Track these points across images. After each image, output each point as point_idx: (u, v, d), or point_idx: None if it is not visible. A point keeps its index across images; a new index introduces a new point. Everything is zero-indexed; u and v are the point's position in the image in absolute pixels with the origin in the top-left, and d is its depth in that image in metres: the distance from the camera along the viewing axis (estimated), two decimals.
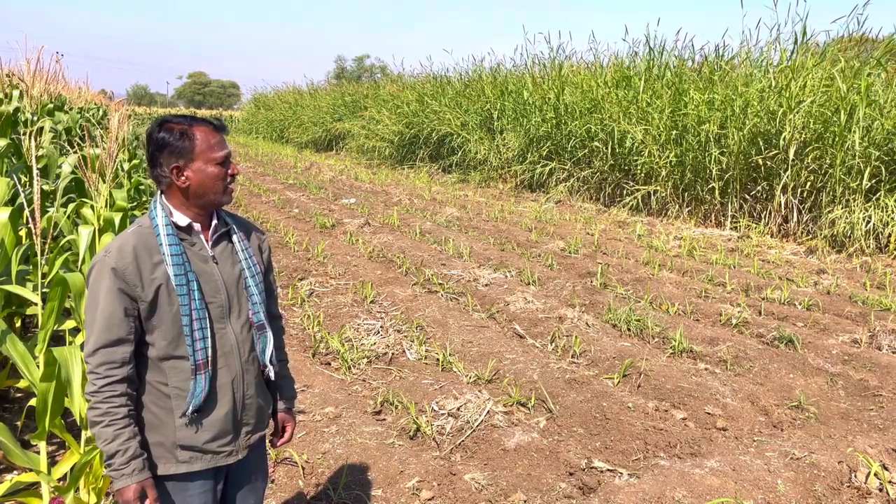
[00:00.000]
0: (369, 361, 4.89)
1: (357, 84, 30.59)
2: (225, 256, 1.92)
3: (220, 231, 1.92)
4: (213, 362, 1.85)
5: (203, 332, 1.82)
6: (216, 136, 1.85)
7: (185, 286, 1.78)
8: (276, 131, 31.90)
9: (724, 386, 4.47)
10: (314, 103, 28.79)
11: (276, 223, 10.17)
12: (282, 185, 15.05)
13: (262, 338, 1.96)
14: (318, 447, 3.62)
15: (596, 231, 9.98)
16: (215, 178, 1.84)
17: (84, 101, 11.80)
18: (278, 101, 33.85)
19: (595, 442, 3.79)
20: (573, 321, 5.72)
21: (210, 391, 1.86)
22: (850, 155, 8.96)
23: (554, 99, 14.03)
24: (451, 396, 4.22)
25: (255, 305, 1.94)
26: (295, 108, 30.61)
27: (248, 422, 1.97)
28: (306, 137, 27.53)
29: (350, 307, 6.11)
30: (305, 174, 17.58)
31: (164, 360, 1.82)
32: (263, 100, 37.23)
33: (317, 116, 27.45)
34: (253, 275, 1.94)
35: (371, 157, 21.16)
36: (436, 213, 11.49)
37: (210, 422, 1.87)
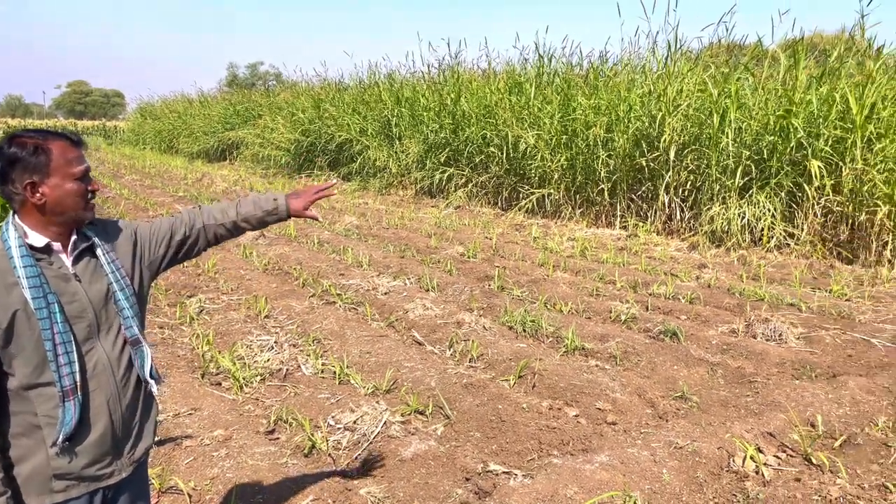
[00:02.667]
0: (263, 379, 4.73)
1: (250, 91, 29.80)
2: (89, 273, 1.82)
3: (80, 247, 1.81)
4: (84, 386, 1.76)
5: (69, 356, 1.71)
6: (74, 151, 1.77)
7: (44, 309, 1.68)
8: (165, 142, 30.55)
9: (614, 381, 4.62)
10: (205, 112, 27.79)
11: None
12: (171, 198, 14.41)
13: (139, 352, 1.87)
14: (206, 472, 3.45)
15: (494, 235, 10.14)
16: (75, 195, 1.75)
17: None
18: (166, 111, 32.44)
19: (491, 445, 3.82)
20: (471, 325, 5.77)
21: (83, 416, 1.76)
22: (724, 155, 9.54)
23: (451, 105, 14.18)
24: (348, 410, 4.15)
25: (127, 320, 1.84)
26: (184, 117, 29.43)
27: (130, 438, 1.90)
28: (197, 147, 26.51)
29: (243, 323, 5.91)
30: (197, 186, 16.92)
31: (29, 388, 1.71)
32: (150, 109, 35.58)
33: (208, 125, 26.50)
34: (122, 288, 1.84)
35: (267, 166, 20.64)
36: (334, 222, 11.34)
37: (86, 447, 1.78)
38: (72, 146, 1.77)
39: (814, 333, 5.68)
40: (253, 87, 35.12)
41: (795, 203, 9.13)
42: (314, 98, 19.27)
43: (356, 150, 16.38)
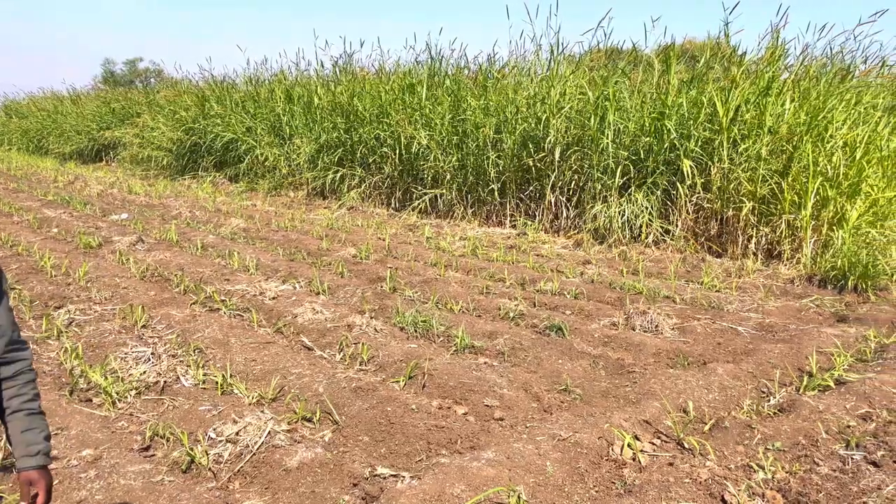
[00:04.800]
0: (138, 393, 4.47)
1: (128, 89, 28.21)
2: None
3: None
4: None
5: None
6: None
7: None
8: (33, 142, 28.36)
9: (502, 377, 4.71)
10: (77, 110, 26.02)
11: (29, 246, 9.00)
12: (39, 203, 13.40)
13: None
14: (72, 496, 3.22)
15: (387, 236, 10.10)
16: None
17: None
18: (34, 109, 30.11)
19: (380, 448, 3.79)
20: (362, 328, 5.71)
21: None
22: (604, 156, 9.95)
23: (345, 104, 14.01)
24: (231, 421, 3.99)
25: None
26: (55, 115, 27.43)
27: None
28: (69, 148, 24.79)
29: (117, 335, 5.57)
30: (69, 188, 15.83)
31: None
32: (16, 107, 32.92)
33: (81, 124, 24.83)
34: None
35: (147, 167, 19.59)
36: (220, 226, 10.92)
37: None
38: None
39: (687, 324, 6.02)
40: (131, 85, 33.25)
41: (670, 201, 9.66)
42: (198, 96, 18.48)
43: (243, 149, 15.85)
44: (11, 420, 1.88)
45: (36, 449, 1.88)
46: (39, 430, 1.90)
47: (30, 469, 1.86)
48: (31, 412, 1.91)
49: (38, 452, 1.88)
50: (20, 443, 1.87)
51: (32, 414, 1.91)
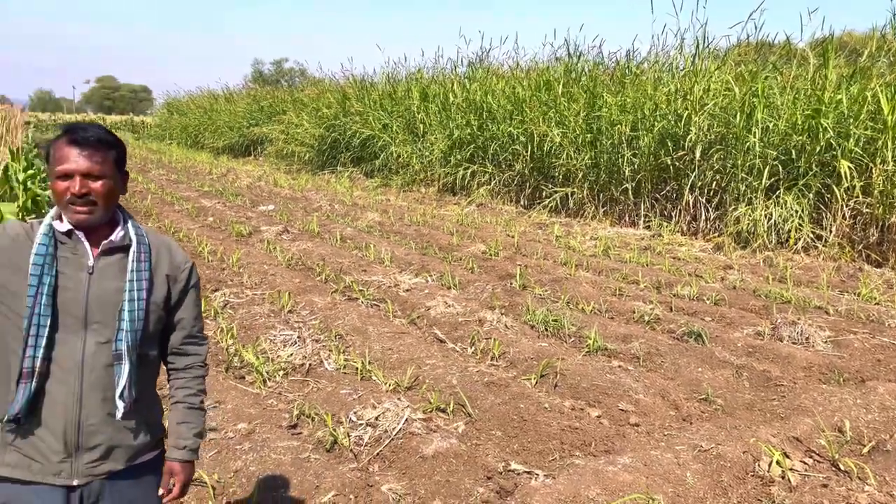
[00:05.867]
0: (286, 374, 4.77)
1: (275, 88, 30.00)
2: (109, 271, 1.80)
3: (113, 245, 1.80)
4: (44, 374, 1.72)
5: (37, 339, 1.70)
6: (65, 150, 1.74)
7: (35, 287, 1.69)
8: (191, 137, 30.89)
9: (637, 382, 4.59)
10: (230, 108, 28.04)
11: (189, 233, 9.82)
12: (196, 193, 14.57)
13: (117, 368, 1.78)
14: (229, 465, 3.49)
15: (516, 233, 10.11)
16: (58, 193, 1.75)
17: None
18: (192, 106, 32.79)
19: (513, 444, 3.81)
20: (493, 324, 5.76)
21: (35, 405, 1.73)
22: (750, 155, 9.41)
23: (479, 101, 14.17)
24: (370, 406, 4.16)
25: (121, 332, 1.77)
26: (210, 112, 29.73)
27: (91, 449, 1.78)
28: (222, 143, 26.77)
29: (266, 318, 5.95)
30: (222, 181, 17.08)
31: (8, 354, 1.74)
32: (177, 105, 35.99)
33: (233, 121, 26.74)
34: (132, 299, 1.79)
35: (291, 162, 20.78)
36: (357, 219, 11.38)
37: (38, 433, 1.75)
38: (67, 144, 1.74)
39: (842, 337, 5.58)
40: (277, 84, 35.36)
41: (824, 204, 8.99)
42: (339, 94, 19.35)
43: (379, 146, 16.42)
44: (173, 409, 2.01)
45: (183, 443, 1.94)
46: (193, 425, 1.98)
47: (174, 461, 1.96)
48: (191, 406, 1.98)
49: (184, 447, 1.94)
50: (173, 433, 1.99)
51: (191, 408, 1.98)
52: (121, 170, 1.83)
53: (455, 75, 16.10)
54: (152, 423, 1.94)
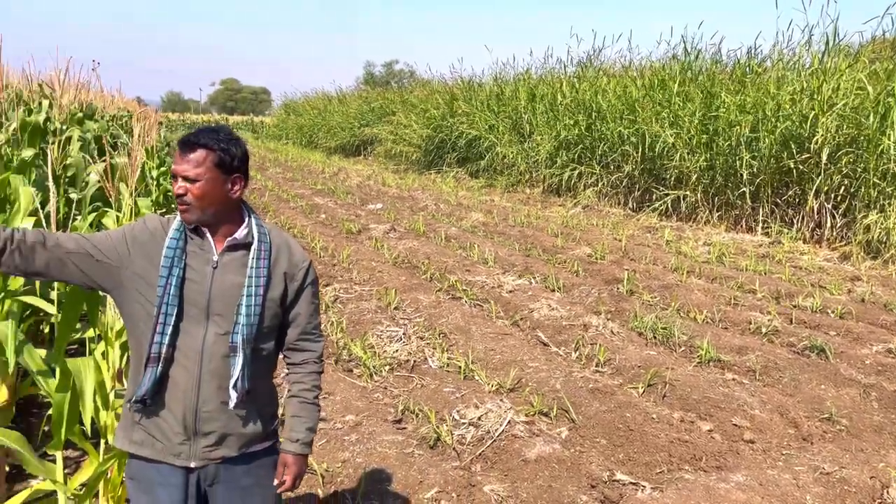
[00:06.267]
0: (391, 369, 4.88)
1: (385, 89, 30.73)
2: (231, 266, 1.89)
3: (235, 242, 1.90)
4: (168, 360, 1.84)
5: (164, 326, 1.81)
6: (176, 153, 1.87)
7: (165, 277, 1.81)
8: (306, 136, 32.20)
9: (753, 397, 4.36)
10: (342, 109, 28.98)
11: (302, 229, 10.24)
12: (310, 191, 15.17)
13: (233, 359, 1.87)
14: (337, 455, 3.61)
15: (623, 236, 9.86)
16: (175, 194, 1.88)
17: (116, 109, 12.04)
18: (307, 107, 34.15)
19: (618, 453, 3.73)
20: (598, 329, 5.65)
21: (160, 388, 1.85)
22: (884, 159, 8.72)
23: (588, 101, 13.93)
24: (473, 405, 4.19)
25: (238, 326, 1.86)
26: (324, 113, 30.85)
27: (207, 434, 1.88)
28: (335, 143, 27.72)
29: (374, 313, 6.12)
30: (333, 179, 17.69)
31: (139, 338, 1.86)
32: (293, 106, 37.59)
33: (345, 122, 27.63)
34: (250, 294, 1.87)
35: (398, 161, 21.23)
36: (461, 219, 11.47)
37: (161, 414, 1.87)
38: (179, 150, 1.86)
39: None
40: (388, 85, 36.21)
41: None
42: (447, 95, 19.57)
43: (485, 146, 16.47)
44: (288, 402, 2.08)
45: (296, 437, 1.99)
46: (306, 420, 2.02)
47: (287, 453, 2.03)
48: (304, 401, 2.02)
49: (297, 440, 1.99)
50: (287, 426, 2.06)
51: (305, 403, 2.02)
52: (227, 172, 1.87)
53: (564, 75, 15.89)
54: (266, 414, 2.01)
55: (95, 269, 1.83)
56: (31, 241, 1.75)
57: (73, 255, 1.80)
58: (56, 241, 1.78)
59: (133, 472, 1.91)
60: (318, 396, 2.09)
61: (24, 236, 1.75)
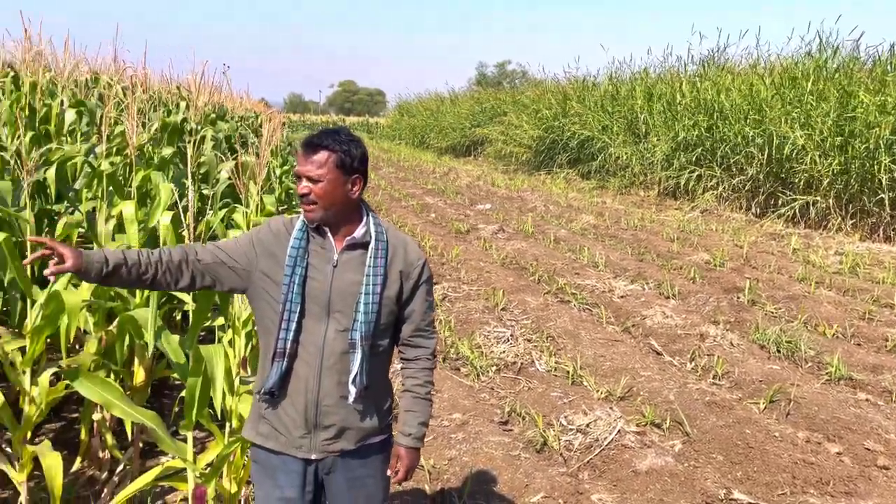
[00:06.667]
0: (498, 370, 4.88)
1: (497, 89, 30.78)
2: (350, 265, 1.94)
3: (354, 242, 1.95)
4: (293, 355, 1.91)
5: (289, 323, 1.89)
6: (299, 155, 1.93)
7: (289, 276, 1.89)
8: (418, 137, 32.80)
9: (888, 420, 4.02)
10: (454, 110, 29.28)
11: (413, 227, 10.44)
12: (421, 190, 15.44)
13: (352, 356, 1.92)
14: (444, 453, 3.65)
15: (745, 243, 9.36)
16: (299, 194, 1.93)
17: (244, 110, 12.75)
18: (420, 108, 34.78)
19: (736, 471, 3.54)
20: (716, 339, 5.40)
21: (284, 381, 1.93)
22: None
23: (710, 101, 13.35)
24: (581, 411, 4.11)
25: (356, 323, 1.91)
26: (436, 114, 31.31)
27: (326, 427, 1.94)
28: (446, 143, 28.06)
29: (481, 314, 6.14)
30: (443, 179, 17.92)
31: (266, 333, 1.96)
32: (407, 107, 38.40)
33: (456, 122, 27.90)
34: (368, 292, 1.92)
35: (508, 162, 21.20)
36: (571, 221, 11.29)
37: (285, 409, 1.94)
38: (300, 150, 1.93)
39: None
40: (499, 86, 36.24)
41: None
42: (560, 95, 19.34)
43: (597, 147, 16.13)
44: (402, 396, 2.12)
45: (409, 430, 2.02)
46: (418, 414, 2.05)
47: (399, 445, 2.07)
48: (417, 396, 2.05)
49: (409, 434, 2.02)
50: (401, 420, 2.10)
51: (417, 398, 2.05)
52: (347, 173, 1.91)
53: (684, 73, 15.29)
54: (381, 409, 2.06)
55: (230, 275, 1.95)
56: (177, 260, 1.90)
57: (210, 266, 1.93)
58: (196, 256, 1.92)
59: (257, 456, 2.02)
60: (431, 392, 2.11)
61: (170, 256, 1.90)
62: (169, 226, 3.35)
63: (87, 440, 3.42)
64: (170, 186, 3.49)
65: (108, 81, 6.35)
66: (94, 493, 3.27)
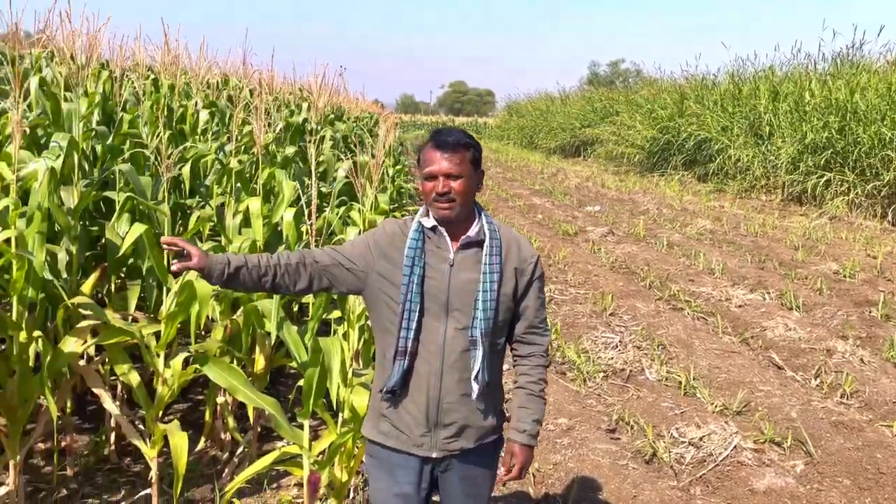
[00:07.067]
0: (605, 376, 4.77)
1: (609, 89, 30.10)
2: (466, 264, 1.96)
3: (471, 239, 1.96)
4: (413, 353, 1.93)
5: (409, 322, 1.91)
6: (432, 153, 1.93)
7: (407, 276, 1.91)
8: (526, 137, 32.65)
9: None
10: (564, 109, 28.93)
11: (520, 228, 10.39)
12: (528, 191, 15.35)
13: (473, 353, 1.94)
14: (549, 458, 3.61)
15: (880, 253, 8.66)
16: (425, 192, 1.95)
17: (360, 111, 13.14)
18: (530, 108, 34.60)
19: (864, 497, 3.29)
20: (844, 355, 5.04)
21: (406, 379, 1.94)
22: None
23: (842, 101, 12.47)
24: (693, 424, 3.96)
25: (476, 321, 1.93)
26: (545, 114, 31.05)
27: (447, 426, 1.96)
28: (554, 143, 27.76)
29: (588, 318, 6.03)
30: (551, 180, 17.73)
31: (384, 332, 1.99)
32: (516, 107, 38.32)
33: (566, 122, 27.55)
34: (485, 290, 1.93)
35: (619, 163, 20.68)
36: (686, 225, 10.87)
37: (406, 407, 1.96)
38: (433, 148, 1.94)
39: None
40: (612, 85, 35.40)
41: None
42: (677, 94, 18.67)
43: (716, 149, 15.43)
44: (515, 393, 2.12)
45: (523, 427, 2.02)
46: (532, 412, 2.05)
47: (513, 443, 2.06)
48: (531, 393, 2.05)
49: (524, 431, 2.02)
50: (515, 417, 2.10)
51: (531, 395, 2.05)
52: (476, 169, 1.98)
53: (814, 72, 14.35)
54: (498, 408, 2.08)
55: (347, 277, 2.00)
56: (294, 263, 1.97)
57: (328, 268, 1.99)
58: (313, 259, 1.99)
59: (374, 451, 2.06)
60: (544, 390, 2.11)
61: (288, 259, 1.97)
62: (291, 222, 3.51)
63: (211, 422, 3.64)
64: (293, 184, 3.66)
65: (237, 83, 6.74)
66: (217, 472, 3.48)
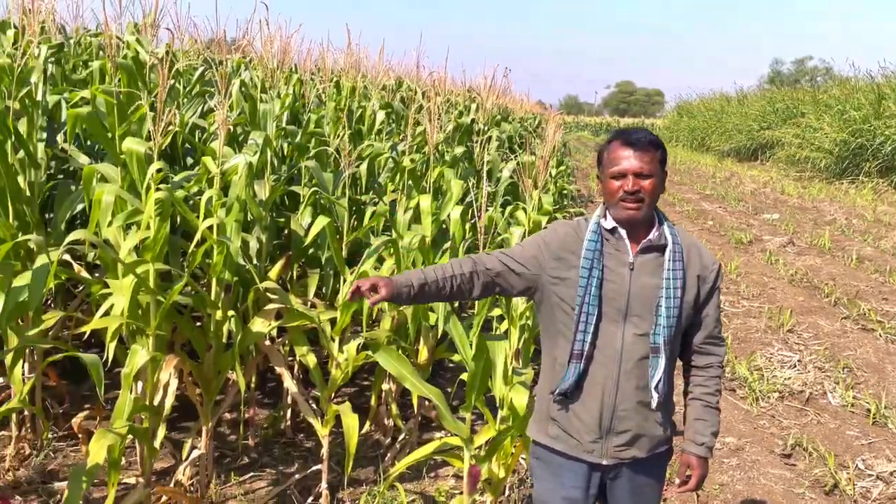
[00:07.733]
0: (781, 396, 4.43)
1: (793, 88, 27.80)
2: (647, 268, 1.90)
3: (650, 244, 1.91)
4: (589, 357, 1.89)
5: (586, 325, 1.86)
6: (621, 151, 1.88)
7: (585, 278, 1.87)
8: (697, 139, 31.01)
9: None
10: (741, 110, 27.12)
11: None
12: (697, 196, 14.60)
13: (653, 360, 1.88)
14: (714, 477, 3.42)
15: None
16: (610, 191, 1.89)
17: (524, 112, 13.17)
18: (702, 109, 32.81)
19: None
20: None
21: (580, 383, 1.90)
22: None
23: None
24: (884, 457, 3.58)
25: (658, 328, 1.86)
26: (719, 114, 29.30)
27: (620, 433, 1.91)
28: (728, 146, 26.12)
29: (762, 333, 5.62)
30: (724, 185, 16.72)
31: (555, 335, 1.96)
32: (686, 107, 36.51)
33: (742, 123, 25.81)
34: (668, 297, 1.87)
35: (802, 168, 19.04)
36: (880, 238, 9.80)
37: (577, 412, 1.92)
38: (622, 146, 1.88)
39: None
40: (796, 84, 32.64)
41: None
42: (874, 93, 16.86)
43: None
44: (690, 404, 2.03)
45: (701, 440, 1.95)
46: (710, 423, 1.97)
47: (690, 454, 1.98)
48: (708, 405, 1.98)
49: (702, 444, 1.95)
50: (691, 428, 2.00)
51: (708, 406, 1.98)
52: (663, 170, 1.93)
53: None
54: (670, 417, 2.01)
55: (517, 281, 2.00)
56: (468, 272, 1.99)
57: (500, 274, 1.99)
58: (483, 266, 2.00)
59: (541, 454, 2.05)
60: (720, 402, 2.02)
61: (461, 269, 1.99)
62: (458, 219, 3.60)
63: (376, 407, 3.82)
64: (461, 183, 3.75)
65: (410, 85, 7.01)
66: (380, 456, 3.65)
